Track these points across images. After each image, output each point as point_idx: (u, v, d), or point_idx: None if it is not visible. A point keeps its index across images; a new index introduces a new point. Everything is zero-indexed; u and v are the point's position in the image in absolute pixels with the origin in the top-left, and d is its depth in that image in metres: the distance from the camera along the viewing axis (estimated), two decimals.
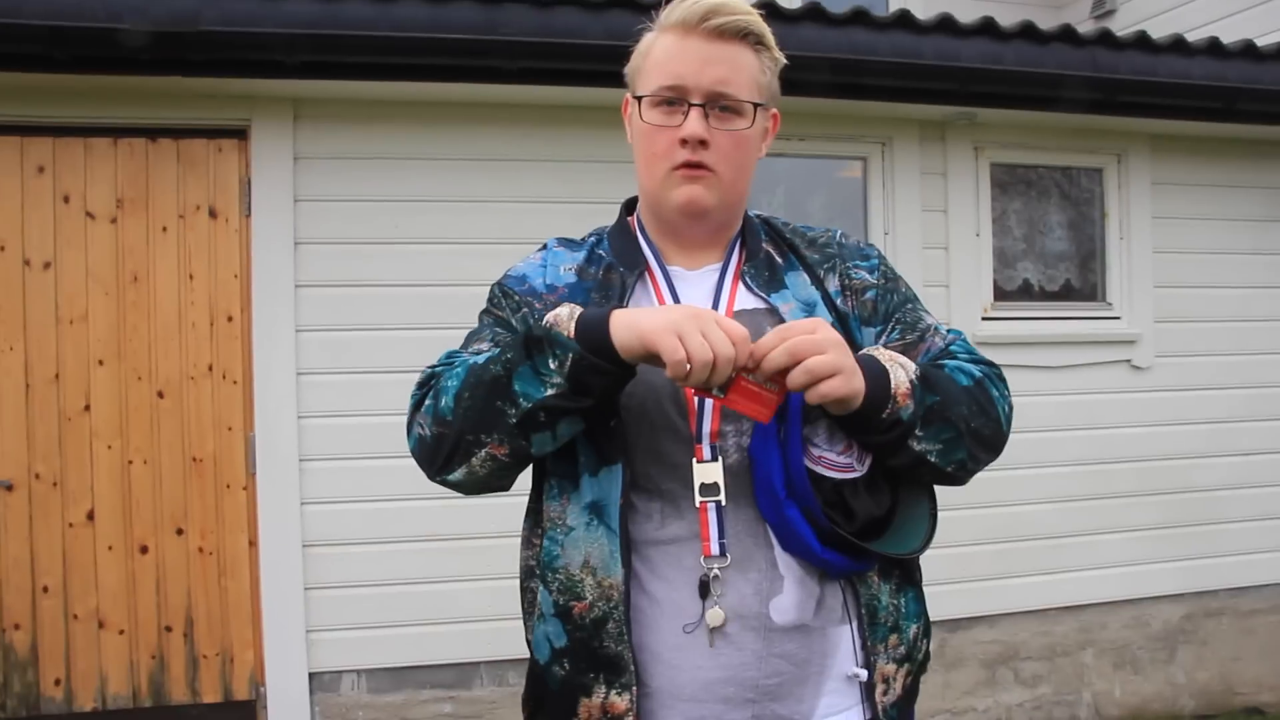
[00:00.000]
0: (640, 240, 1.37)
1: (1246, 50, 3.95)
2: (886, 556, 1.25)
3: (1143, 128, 4.15)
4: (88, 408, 3.33)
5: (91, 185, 3.34)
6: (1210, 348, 4.31)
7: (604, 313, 1.16)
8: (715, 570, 1.22)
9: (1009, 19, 3.79)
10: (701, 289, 1.34)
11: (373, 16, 3.12)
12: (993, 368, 1.35)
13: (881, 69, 3.56)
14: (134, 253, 3.36)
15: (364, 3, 3.12)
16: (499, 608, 3.22)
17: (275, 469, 3.40)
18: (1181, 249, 4.30)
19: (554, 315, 1.19)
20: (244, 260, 3.42)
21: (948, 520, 1.32)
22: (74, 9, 2.93)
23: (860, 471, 1.23)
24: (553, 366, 1.14)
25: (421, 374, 1.29)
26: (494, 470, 1.22)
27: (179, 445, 3.39)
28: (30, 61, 3.05)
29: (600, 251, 1.38)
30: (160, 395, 3.38)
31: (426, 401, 1.24)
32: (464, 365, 1.22)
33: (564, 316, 1.18)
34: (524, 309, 1.33)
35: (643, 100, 1.30)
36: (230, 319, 3.42)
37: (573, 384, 1.14)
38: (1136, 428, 4.22)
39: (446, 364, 1.27)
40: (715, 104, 1.27)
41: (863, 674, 1.25)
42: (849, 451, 1.23)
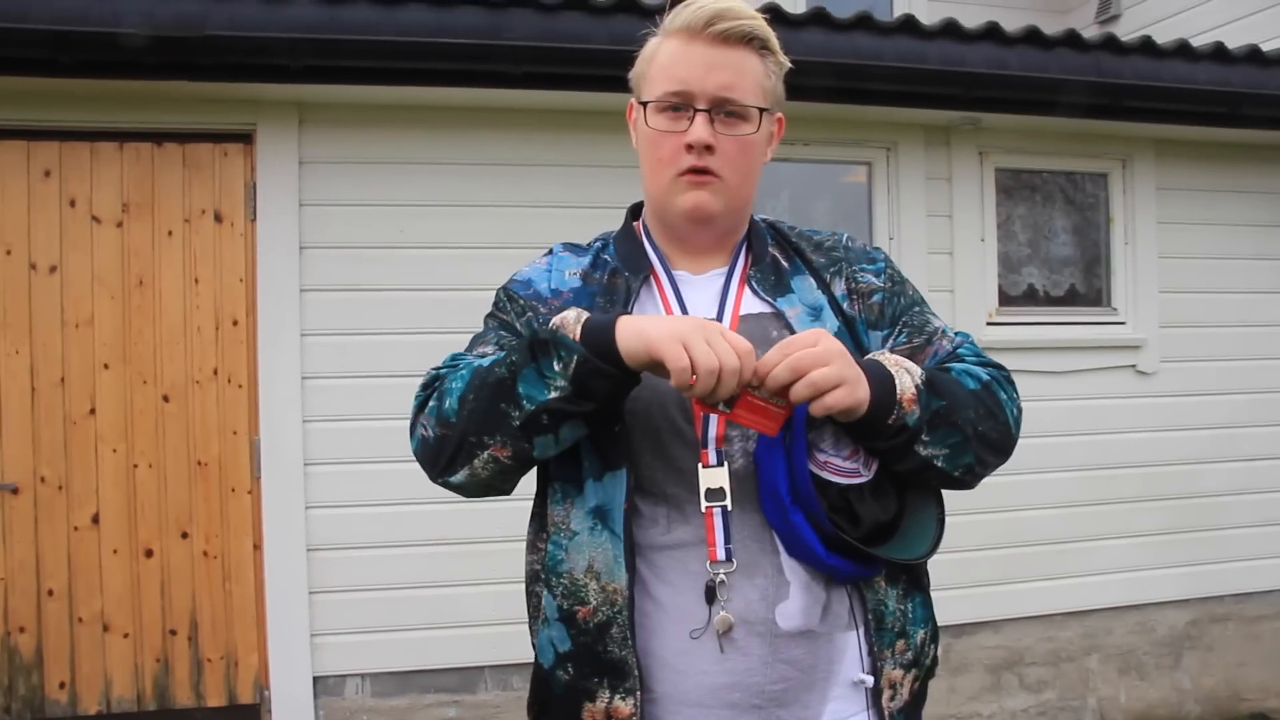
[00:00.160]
0: (646, 245, 1.37)
1: (1251, 55, 3.94)
2: (892, 561, 1.24)
3: (1147, 133, 4.14)
4: (93, 411, 3.34)
5: (97, 189, 3.34)
6: (1215, 353, 4.30)
7: (611, 318, 1.17)
8: (721, 575, 1.21)
9: (1013, 24, 3.78)
10: (707, 294, 1.33)
11: (377, 21, 3.13)
12: (1001, 370, 1.34)
13: (886, 74, 3.55)
14: (140, 257, 3.37)
15: (369, 7, 3.13)
16: (503, 612, 3.22)
17: (280, 473, 3.40)
18: (1186, 254, 4.29)
19: (560, 318, 1.19)
20: (249, 264, 3.43)
21: (952, 525, 1.31)
22: (80, 14, 2.94)
23: (866, 477, 1.23)
24: (557, 369, 1.14)
25: (425, 376, 1.29)
26: (496, 472, 1.22)
27: (184, 449, 3.39)
28: (37, 66, 3.05)
29: (606, 256, 1.38)
30: (165, 399, 3.38)
31: (430, 403, 1.24)
32: (468, 367, 1.22)
33: (570, 320, 1.18)
34: (529, 313, 1.32)
35: (648, 105, 1.30)
36: (235, 323, 3.42)
37: (576, 387, 1.14)
38: (1141, 433, 4.21)
39: (451, 366, 1.27)
40: (720, 109, 1.27)
41: (869, 680, 1.24)
42: (855, 456, 1.22)
